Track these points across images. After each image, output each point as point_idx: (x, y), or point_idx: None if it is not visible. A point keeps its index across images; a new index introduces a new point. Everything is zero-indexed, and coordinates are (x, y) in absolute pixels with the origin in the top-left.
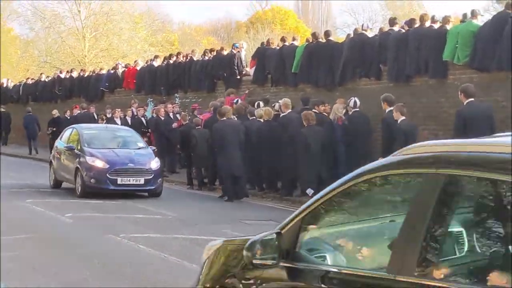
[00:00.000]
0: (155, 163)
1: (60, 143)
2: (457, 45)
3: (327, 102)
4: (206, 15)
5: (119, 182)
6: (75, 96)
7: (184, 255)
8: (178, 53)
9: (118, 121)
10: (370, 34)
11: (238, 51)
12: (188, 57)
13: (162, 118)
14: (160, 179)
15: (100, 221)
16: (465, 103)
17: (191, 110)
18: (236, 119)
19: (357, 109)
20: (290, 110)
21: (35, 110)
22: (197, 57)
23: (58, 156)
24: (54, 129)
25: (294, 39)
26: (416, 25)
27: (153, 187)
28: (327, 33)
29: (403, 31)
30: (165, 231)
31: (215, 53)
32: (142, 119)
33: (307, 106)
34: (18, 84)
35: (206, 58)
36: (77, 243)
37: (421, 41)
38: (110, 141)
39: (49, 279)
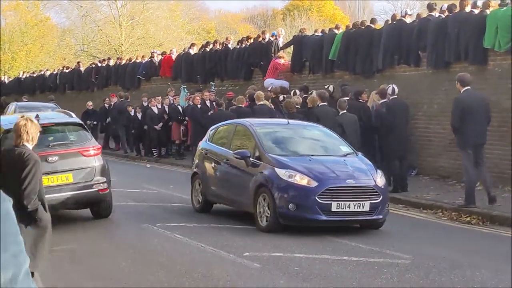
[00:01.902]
0: (380, 179)
1: (214, 146)
2: (497, 29)
3: (365, 89)
4: (242, 2)
5: (333, 208)
6: (112, 84)
7: (221, 244)
8: (215, 41)
9: (155, 109)
10: (408, 20)
11: (276, 38)
12: (224, 45)
13: (199, 106)
14: (388, 203)
15: (136, 210)
16: (462, 91)
17: (226, 99)
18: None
19: (395, 96)
20: (262, 102)
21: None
22: (232, 44)
23: (212, 166)
24: (95, 122)
25: (337, 27)
26: (456, 11)
27: (380, 217)
28: (372, 21)
29: (443, 16)
30: (202, 220)
31: (252, 40)
32: (179, 107)
33: (346, 95)
34: (55, 73)
35: (243, 46)
36: (113, 233)
37: (460, 27)
38: (301, 144)
39: (84, 269)
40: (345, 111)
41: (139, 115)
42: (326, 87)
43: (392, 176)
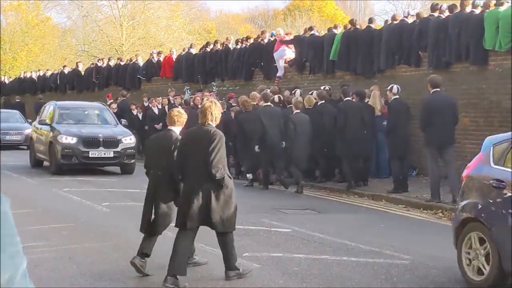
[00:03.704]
0: None
1: None
2: (497, 29)
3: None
4: (243, 3)
5: None
6: (112, 84)
7: None
8: (216, 41)
9: (155, 110)
10: (410, 20)
11: (275, 39)
12: (225, 45)
13: (199, 106)
14: None
15: (136, 211)
16: (431, 93)
17: (227, 99)
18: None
19: (397, 96)
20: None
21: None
22: (232, 44)
23: None
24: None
25: (335, 26)
26: (457, 11)
27: None
28: (371, 20)
29: (443, 17)
30: None
31: (251, 40)
32: (180, 107)
33: (347, 96)
34: (55, 73)
35: (243, 46)
36: (113, 233)
37: (461, 27)
38: None
39: (84, 269)
40: (298, 110)
41: (140, 115)
42: (322, 88)
43: (393, 176)
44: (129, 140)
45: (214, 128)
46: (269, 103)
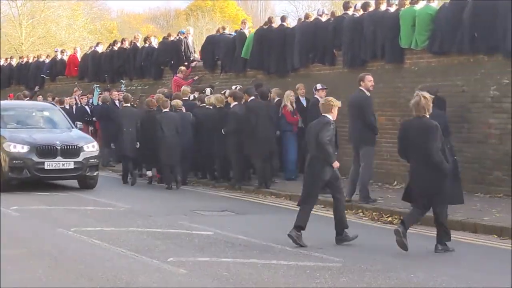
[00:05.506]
0: None
1: None
2: (413, 27)
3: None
4: (145, 3)
5: None
6: (14, 84)
7: (143, 249)
8: (123, 39)
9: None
10: (323, 18)
11: (185, 37)
12: (133, 44)
13: (108, 105)
14: None
15: (48, 214)
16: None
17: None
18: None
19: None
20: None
21: None
22: (140, 43)
23: None
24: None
25: (243, 22)
26: (371, 9)
27: None
28: (283, 18)
29: (357, 15)
30: (119, 224)
31: (153, 39)
32: (86, 107)
33: (252, 96)
34: None
35: (149, 44)
36: (25, 239)
37: (376, 25)
38: None
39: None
40: (167, 109)
41: None
42: (233, 87)
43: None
44: (91, 147)
45: (429, 119)
46: (128, 104)
